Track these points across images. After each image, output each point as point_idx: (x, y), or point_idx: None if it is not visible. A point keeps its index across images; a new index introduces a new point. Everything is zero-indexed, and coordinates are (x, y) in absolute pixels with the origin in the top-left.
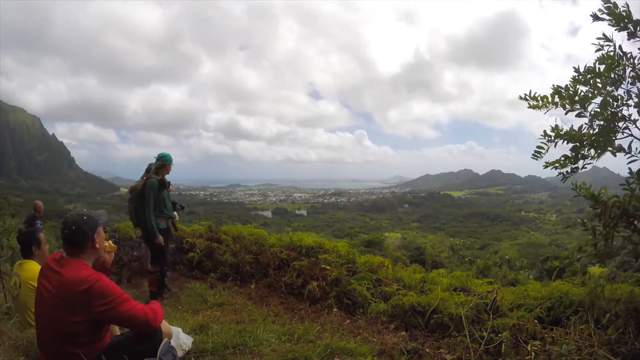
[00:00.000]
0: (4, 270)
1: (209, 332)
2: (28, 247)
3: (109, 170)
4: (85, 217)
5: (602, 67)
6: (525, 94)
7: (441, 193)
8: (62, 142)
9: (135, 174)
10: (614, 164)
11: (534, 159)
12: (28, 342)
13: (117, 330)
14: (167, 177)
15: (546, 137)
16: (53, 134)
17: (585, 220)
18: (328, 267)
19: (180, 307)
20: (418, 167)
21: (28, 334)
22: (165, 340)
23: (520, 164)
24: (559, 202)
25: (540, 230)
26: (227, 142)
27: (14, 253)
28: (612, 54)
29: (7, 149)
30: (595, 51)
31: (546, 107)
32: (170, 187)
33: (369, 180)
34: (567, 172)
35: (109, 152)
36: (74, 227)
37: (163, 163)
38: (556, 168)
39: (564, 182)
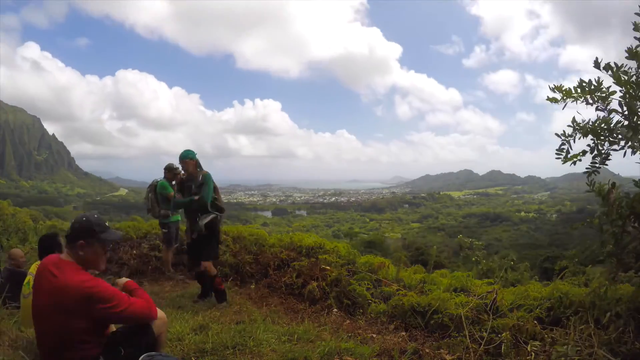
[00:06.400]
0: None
1: (209, 332)
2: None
3: (109, 171)
4: (92, 221)
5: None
6: (554, 85)
7: (441, 193)
8: (62, 142)
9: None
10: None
11: (558, 159)
12: (28, 342)
13: (112, 326)
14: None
15: (567, 137)
16: (53, 134)
17: (589, 220)
18: (328, 268)
19: (180, 307)
20: (418, 167)
21: (28, 334)
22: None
23: (521, 163)
24: (559, 202)
25: (540, 231)
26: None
27: None
28: None
29: (7, 149)
30: (634, 29)
31: (564, 100)
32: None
33: (368, 181)
34: (592, 167)
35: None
36: (80, 220)
37: None
38: (574, 163)
39: (590, 178)
